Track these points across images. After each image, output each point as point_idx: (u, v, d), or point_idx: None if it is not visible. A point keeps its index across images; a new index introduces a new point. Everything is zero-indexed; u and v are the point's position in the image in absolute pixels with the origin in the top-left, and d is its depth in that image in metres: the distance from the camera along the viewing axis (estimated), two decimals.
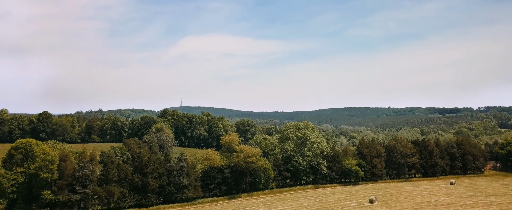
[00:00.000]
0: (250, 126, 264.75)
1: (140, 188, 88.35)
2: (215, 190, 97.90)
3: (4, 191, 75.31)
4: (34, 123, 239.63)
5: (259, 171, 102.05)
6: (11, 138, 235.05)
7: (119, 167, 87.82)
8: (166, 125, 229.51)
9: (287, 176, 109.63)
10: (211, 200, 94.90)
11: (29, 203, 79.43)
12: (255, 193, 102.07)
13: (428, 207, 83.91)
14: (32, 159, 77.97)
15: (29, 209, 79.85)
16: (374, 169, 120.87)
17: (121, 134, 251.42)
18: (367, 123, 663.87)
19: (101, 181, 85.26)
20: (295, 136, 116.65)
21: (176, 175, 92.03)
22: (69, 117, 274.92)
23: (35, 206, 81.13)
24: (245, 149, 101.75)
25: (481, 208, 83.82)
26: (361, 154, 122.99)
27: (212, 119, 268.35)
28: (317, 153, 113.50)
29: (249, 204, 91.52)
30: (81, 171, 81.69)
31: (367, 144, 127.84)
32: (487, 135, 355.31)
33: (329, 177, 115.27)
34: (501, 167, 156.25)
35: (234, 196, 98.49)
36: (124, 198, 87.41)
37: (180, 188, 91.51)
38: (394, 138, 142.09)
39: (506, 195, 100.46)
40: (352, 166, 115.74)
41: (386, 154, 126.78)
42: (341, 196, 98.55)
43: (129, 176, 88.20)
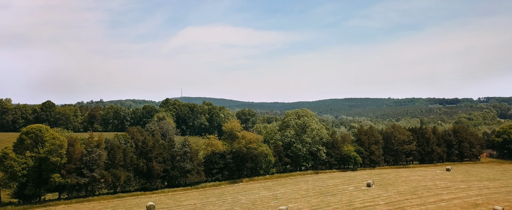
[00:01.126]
0: (251, 115, 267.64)
1: (145, 173, 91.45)
2: (217, 174, 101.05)
3: (15, 174, 78.29)
4: (38, 112, 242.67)
5: (260, 156, 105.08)
6: (14, 127, 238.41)
7: (125, 152, 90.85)
8: (167, 114, 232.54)
9: (287, 161, 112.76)
10: (213, 184, 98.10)
11: (39, 186, 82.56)
12: (256, 178, 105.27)
13: (423, 190, 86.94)
14: (42, 144, 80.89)
15: (39, 191, 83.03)
16: (372, 155, 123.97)
17: (123, 123, 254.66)
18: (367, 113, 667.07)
19: (107, 165, 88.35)
20: (295, 123, 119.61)
21: (180, 160, 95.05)
22: (72, 106, 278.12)
23: (44, 189, 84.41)
24: (246, 135, 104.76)
25: (475, 191, 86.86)
26: (359, 140, 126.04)
27: (213, 108, 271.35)
28: (317, 140, 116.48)
29: (250, 188, 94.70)
30: (88, 155, 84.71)
31: (366, 131, 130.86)
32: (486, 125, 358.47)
33: (328, 163, 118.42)
34: (497, 155, 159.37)
35: (236, 180, 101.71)
36: (130, 182, 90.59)
37: (184, 172, 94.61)
38: (392, 125, 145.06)
39: (500, 180, 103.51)
40: (350, 152, 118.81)
41: (384, 141, 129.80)
42: (339, 180, 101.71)
43: (135, 160, 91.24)
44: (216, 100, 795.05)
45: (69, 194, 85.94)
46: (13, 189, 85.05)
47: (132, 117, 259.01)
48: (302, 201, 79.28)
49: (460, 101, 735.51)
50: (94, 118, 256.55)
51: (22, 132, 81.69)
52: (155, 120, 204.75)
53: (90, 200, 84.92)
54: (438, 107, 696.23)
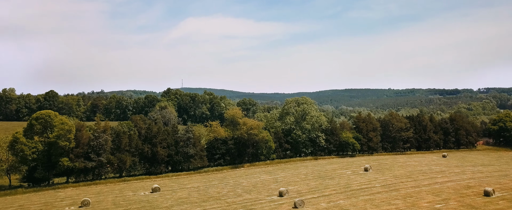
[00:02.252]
0: (251, 105, 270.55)
1: (150, 157, 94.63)
2: (219, 160, 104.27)
3: (25, 158, 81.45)
4: (41, 102, 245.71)
5: (261, 142, 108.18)
6: (18, 116, 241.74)
7: (130, 138, 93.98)
8: (169, 104, 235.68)
9: (287, 148, 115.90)
10: (216, 169, 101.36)
11: (48, 170, 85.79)
12: (257, 163, 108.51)
13: (418, 174, 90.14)
14: (51, 129, 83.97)
15: (48, 175, 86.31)
16: (370, 142, 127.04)
17: (126, 113, 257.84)
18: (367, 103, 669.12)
19: (113, 150, 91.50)
20: (295, 110, 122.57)
21: (183, 145, 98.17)
22: (74, 96, 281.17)
23: (53, 173, 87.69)
24: (247, 121, 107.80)
25: (468, 175, 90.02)
26: (357, 128, 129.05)
27: (214, 98, 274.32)
28: (316, 127, 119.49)
29: (251, 172, 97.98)
30: (95, 140, 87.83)
31: (364, 119, 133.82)
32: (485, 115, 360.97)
33: (327, 149, 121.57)
34: (494, 142, 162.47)
35: (238, 165, 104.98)
36: (135, 167, 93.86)
37: (187, 157, 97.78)
38: (389, 113, 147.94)
39: (494, 165, 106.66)
40: (349, 139, 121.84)
41: (382, 128, 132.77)
42: (338, 165, 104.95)
43: (140, 146, 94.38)
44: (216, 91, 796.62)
45: (77, 178, 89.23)
46: (22, 173, 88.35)
47: (134, 107, 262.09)
48: (301, 184, 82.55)
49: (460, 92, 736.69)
50: (96, 107, 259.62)
51: (32, 118, 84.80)
52: (157, 109, 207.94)
53: (97, 183, 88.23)
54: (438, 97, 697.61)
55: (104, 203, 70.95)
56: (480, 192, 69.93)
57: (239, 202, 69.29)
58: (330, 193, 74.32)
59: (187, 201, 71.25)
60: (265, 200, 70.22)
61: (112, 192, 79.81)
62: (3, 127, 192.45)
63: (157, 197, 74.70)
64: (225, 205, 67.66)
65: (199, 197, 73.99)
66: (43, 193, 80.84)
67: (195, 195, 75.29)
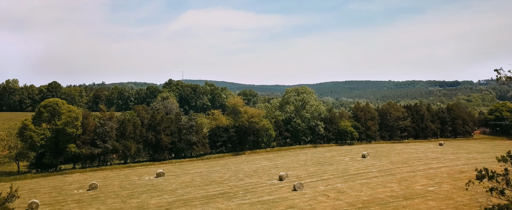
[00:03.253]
0: (252, 96, 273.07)
1: (154, 144, 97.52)
2: (221, 147, 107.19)
3: (34, 144, 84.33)
4: (44, 93, 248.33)
5: (262, 130, 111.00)
6: (21, 107, 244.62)
7: (135, 125, 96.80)
8: (171, 95, 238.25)
9: (287, 136, 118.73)
10: (218, 156, 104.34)
11: (56, 156, 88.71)
12: (257, 150, 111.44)
13: (414, 160, 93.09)
14: (58, 116, 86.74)
15: (56, 161, 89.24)
16: (368, 130, 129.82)
17: (128, 103, 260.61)
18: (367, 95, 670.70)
19: (118, 137, 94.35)
20: (295, 99, 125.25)
21: (186, 133, 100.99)
22: (77, 87, 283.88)
23: (60, 160, 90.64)
24: (248, 110, 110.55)
25: (462, 161, 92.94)
26: (356, 116, 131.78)
27: (215, 89, 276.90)
28: (315, 115, 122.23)
29: (252, 159, 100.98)
30: (101, 127, 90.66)
31: (362, 108, 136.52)
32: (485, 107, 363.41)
33: (326, 137, 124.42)
34: (490, 132, 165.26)
35: (239, 153, 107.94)
36: (139, 153, 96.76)
37: (190, 144, 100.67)
38: (387, 102, 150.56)
39: (489, 153, 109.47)
40: (347, 127, 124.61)
41: (380, 117, 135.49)
42: (336, 152, 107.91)
43: (144, 133, 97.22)
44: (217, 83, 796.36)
45: (83, 164, 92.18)
46: (30, 160, 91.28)
47: (136, 97, 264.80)
48: (300, 169, 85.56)
49: (460, 84, 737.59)
50: (98, 98, 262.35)
51: (41, 105, 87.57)
52: (159, 100, 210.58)
53: (103, 169, 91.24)
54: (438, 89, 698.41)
55: (111, 187, 73.99)
56: (473, 176, 72.80)
57: (241, 185, 72.28)
58: (328, 177, 77.29)
59: (190, 184, 74.24)
60: (265, 183, 73.21)
61: (118, 177, 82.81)
62: (7, 117, 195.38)
63: (162, 181, 77.74)
64: (227, 188, 70.65)
65: (202, 181, 77.00)
66: (52, 178, 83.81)
67: (198, 180, 78.30)
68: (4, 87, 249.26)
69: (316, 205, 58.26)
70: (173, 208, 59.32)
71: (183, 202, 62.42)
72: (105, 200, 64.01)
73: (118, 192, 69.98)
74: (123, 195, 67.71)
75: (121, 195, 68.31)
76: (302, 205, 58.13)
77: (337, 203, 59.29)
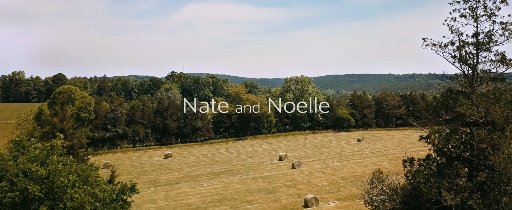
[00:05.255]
0: (253, 87, 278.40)
1: (161, 129, 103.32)
2: (224, 132, 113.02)
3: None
4: (49, 84, 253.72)
5: (263, 117, 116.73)
6: (27, 98, 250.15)
7: (143, 111, 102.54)
8: (174, 86, 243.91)
9: (287, 122, 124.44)
10: (221, 140, 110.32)
11: None
12: (259, 136, 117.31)
13: (407, 144, 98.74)
14: (72, 102, 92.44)
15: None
16: (364, 118, 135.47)
17: (131, 94, 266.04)
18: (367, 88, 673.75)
19: (128, 122, 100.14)
20: (294, 88, 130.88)
21: (191, 118, 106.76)
22: (82, 78, 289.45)
23: None
24: (250, 97, 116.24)
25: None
26: (353, 105, 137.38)
27: (217, 80, 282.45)
28: (314, 103, 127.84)
29: (254, 143, 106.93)
30: (112, 112, 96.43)
31: (359, 96, 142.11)
32: None
33: (324, 124, 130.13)
34: None
35: (241, 138, 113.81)
36: (147, 137, 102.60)
37: (195, 129, 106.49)
38: (383, 91, 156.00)
39: None
40: (344, 115, 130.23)
41: (376, 105, 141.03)
42: (333, 137, 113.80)
43: (152, 118, 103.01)
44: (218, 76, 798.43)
45: (95, 147, 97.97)
46: None
47: (139, 89, 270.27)
48: (299, 151, 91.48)
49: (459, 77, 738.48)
50: (103, 89, 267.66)
51: (56, 92, 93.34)
52: (162, 90, 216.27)
53: (114, 151, 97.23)
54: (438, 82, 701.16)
55: (123, 166, 79.96)
56: None
57: (244, 164, 78.22)
58: (325, 157, 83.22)
59: (197, 164, 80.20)
60: (266, 163, 79.16)
61: (128, 158, 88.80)
62: (15, 107, 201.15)
63: (170, 161, 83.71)
64: (231, 166, 76.59)
65: (208, 161, 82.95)
66: None
67: (204, 160, 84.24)
68: (10, 79, 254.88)
69: (313, 179, 64.16)
70: (182, 182, 65.27)
71: (191, 177, 68.38)
72: (119, 177, 69.90)
73: (131, 170, 75.98)
74: (136, 172, 73.70)
75: (134, 172, 74.32)
76: (300, 179, 64.03)
77: (332, 177, 65.19)
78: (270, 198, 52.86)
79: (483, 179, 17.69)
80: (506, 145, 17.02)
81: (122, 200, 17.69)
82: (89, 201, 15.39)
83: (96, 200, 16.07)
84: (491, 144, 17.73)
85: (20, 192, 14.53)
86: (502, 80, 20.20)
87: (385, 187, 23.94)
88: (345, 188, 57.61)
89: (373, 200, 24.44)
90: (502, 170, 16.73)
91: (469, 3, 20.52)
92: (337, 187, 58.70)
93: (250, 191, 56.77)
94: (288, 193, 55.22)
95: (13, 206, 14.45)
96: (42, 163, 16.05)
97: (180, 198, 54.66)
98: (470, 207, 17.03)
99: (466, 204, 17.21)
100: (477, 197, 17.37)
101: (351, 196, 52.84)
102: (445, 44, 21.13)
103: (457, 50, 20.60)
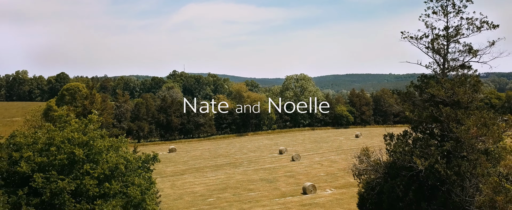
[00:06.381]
0: (253, 86, 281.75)
1: (165, 125, 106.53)
2: (226, 129, 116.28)
3: None
4: (52, 83, 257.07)
5: (263, 114, 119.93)
6: (30, 97, 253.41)
7: (148, 108, 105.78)
8: (175, 85, 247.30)
9: (287, 119, 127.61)
10: (223, 136, 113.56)
11: None
12: (260, 132, 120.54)
13: None
14: (79, 99, 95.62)
15: None
16: (363, 115, 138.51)
17: (133, 93, 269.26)
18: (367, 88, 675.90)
19: (133, 118, 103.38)
20: (294, 86, 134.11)
21: (194, 115, 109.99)
22: (84, 78, 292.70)
23: None
24: (251, 95, 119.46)
25: None
26: (351, 102, 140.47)
27: (218, 79, 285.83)
28: (313, 100, 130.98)
29: (255, 139, 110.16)
30: (118, 109, 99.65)
31: (357, 94, 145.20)
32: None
33: (323, 121, 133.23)
34: None
35: (242, 134, 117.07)
36: (151, 133, 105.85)
37: (198, 126, 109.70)
38: (381, 89, 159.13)
39: None
40: (343, 112, 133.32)
41: (374, 103, 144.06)
42: (332, 133, 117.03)
43: (156, 115, 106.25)
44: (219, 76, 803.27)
45: None
46: None
47: (141, 88, 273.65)
48: (299, 146, 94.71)
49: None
50: (105, 88, 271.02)
51: (63, 89, 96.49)
52: (164, 89, 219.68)
53: None
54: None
55: None
56: None
57: (245, 157, 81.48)
58: (323, 151, 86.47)
59: (200, 157, 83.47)
60: (267, 156, 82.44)
61: None
62: (19, 105, 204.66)
63: (174, 155, 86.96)
64: (233, 159, 79.83)
65: (211, 155, 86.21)
66: None
67: (207, 154, 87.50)
68: (14, 78, 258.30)
69: (311, 170, 67.41)
70: (187, 173, 68.54)
71: (195, 169, 71.63)
72: None
73: None
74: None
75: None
76: (299, 170, 67.28)
77: (329, 169, 68.45)
78: (270, 187, 56.07)
79: (448, 148, 20.90)
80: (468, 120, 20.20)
81: (146, 168, 21.17)
82: (122, 162, 18.76)
83: (127, 162, 19.47)
84: (455, 120, 20.93)
85: (67, 155, 17.78)
86: (469, 68, 23.40)
87: (370, 161, 27.17)
88: (342, 178, 60.79)
89: (360, 173, 27.74)
90: (464, 140, 19.94)
91: (440, 1, 23.79)
92: (334, 177, 61.94)
93: (251, 181, 59.96)
94: (288, 182, 58.45)
95: (62, 166, 17.68)
96: (83, 132, 19.39)
97: (185, 187, 57.88)
98: (436, 170, 20.19)
99: (433, 168, 20.39)
100: (442, 162, 20.59)
101: (347, 185, 56.04)
102: (421, 36, 24.34)
103: (430, 42, 23.74)
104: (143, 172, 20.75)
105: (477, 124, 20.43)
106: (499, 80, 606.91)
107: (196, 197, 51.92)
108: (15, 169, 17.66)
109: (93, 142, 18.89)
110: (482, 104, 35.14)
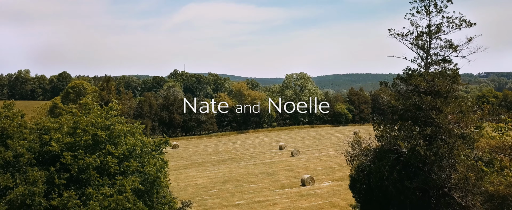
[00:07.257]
0: (254, 86, 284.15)
1: (167, 122, 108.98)
2: (227, 126, 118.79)
3: None
4: (54, 82, 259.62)
5: (264, 112, 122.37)
6: (33, 96, 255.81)
7: (150, 105, 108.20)
8: (176, 84, 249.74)
9: (287, 117, 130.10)
10: (224, 133, 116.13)
11: None
12: (260, 129, 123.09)
13: None
14: (84, 96, 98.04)
15: None
16: (361, 113, 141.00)
17: (134, 93, 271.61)
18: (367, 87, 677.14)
19: (136, 116, 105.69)
20: (294, 84, 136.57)
21: (196, 113, 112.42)
22: (86, 77, 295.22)
23: None
24: (252, 93, 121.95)
25: None
26: (350, 100, 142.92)
27: (219, 79, 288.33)
28: (313, 99, 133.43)
29: (255, 136, 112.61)
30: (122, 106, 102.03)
31: (356, 93, 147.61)
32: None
33: (323, 119, 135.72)
34: None
35: (243, 131, 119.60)
36: (154, 130, 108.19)
37: (199, 123, 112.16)
38: (380, 88, 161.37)
39: None
40: (342, 110, 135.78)
41: (373, 101, 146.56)
42: (331, 131, 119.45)
43: (159, 112, 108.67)
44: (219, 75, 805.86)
45: None
46: None
47: (142, 87, 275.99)
48: (298, 143, 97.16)
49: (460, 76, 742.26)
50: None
51: (68, 87, 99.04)
52: (165, 88, 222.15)
53: None
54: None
55: None
56: None
57: (246, 153, 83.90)
58: (322, 147, 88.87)
59: (202, 153, 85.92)
60: (267, 152, 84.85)
61: None
62: (22, 104, 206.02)
63: (177, 151, 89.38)
64: (235, 155, 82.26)
65: (212, 151, 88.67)
66: None
67: (208, 150, 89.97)
68: (16, 77, 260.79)
69: (310, 164, 69.83)
70: (190, 167, 70.98)
71: (198, 164, 74.10)
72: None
73: None
74: None
75: None
76: (298, 165, 69.69)
77: (327, 163, 70.86)
78: (270, 179, 58.49)
79: (429, 133, 23.37)
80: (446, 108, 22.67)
81: (159, 151, 23.80)
82: (139, 145, 21.30)
83: (143, 145, 22.02)
84: (435, 108, 23.38)
85: (92, 136, 20.26)
86: (450, 62, 25.85)
87: (362, 148, 29.66)
88: (339, 171, 63.25)
89: (352, 159, 30.25)
90: (443, 126, 22.44)
91: (424, 2, 26.29)
92: (332, 170, 64.39)
93: (252, 174, 62.38)
94: (287, 175, 60.88)
95: (87, 146, 20.19)
96: (105, 118, 21.92)
97: (189, 180, 60.30)
98: (418, 152, 22.64)
99: (415, 150, 22.84)
100: (423, 145, 23.07)
101: (344, 177, 58.30)
102: (406, 33, 26.79)
103: (415, 39, 26.20)
104: (156, 154, 23.28)
105: (454, 111, 22.88)
106: (499, 80, 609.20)
107: (199, 189, 54.31)
108: (46, 149, 20.17)
109: (114, 126, 21.45)
110: (461, 94, 38.09)
